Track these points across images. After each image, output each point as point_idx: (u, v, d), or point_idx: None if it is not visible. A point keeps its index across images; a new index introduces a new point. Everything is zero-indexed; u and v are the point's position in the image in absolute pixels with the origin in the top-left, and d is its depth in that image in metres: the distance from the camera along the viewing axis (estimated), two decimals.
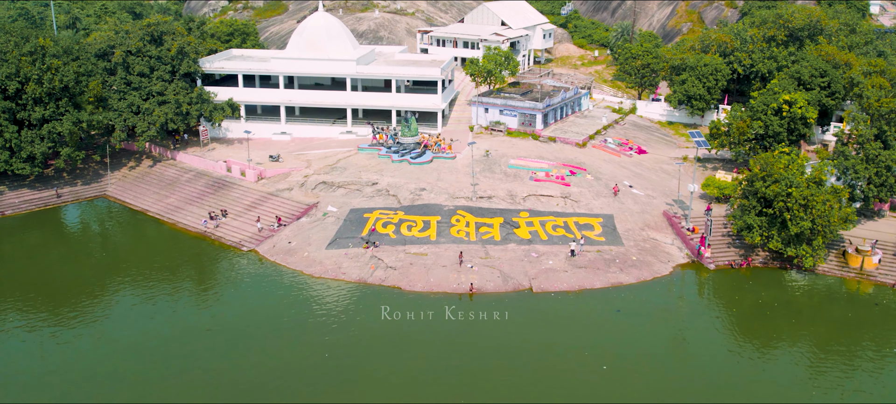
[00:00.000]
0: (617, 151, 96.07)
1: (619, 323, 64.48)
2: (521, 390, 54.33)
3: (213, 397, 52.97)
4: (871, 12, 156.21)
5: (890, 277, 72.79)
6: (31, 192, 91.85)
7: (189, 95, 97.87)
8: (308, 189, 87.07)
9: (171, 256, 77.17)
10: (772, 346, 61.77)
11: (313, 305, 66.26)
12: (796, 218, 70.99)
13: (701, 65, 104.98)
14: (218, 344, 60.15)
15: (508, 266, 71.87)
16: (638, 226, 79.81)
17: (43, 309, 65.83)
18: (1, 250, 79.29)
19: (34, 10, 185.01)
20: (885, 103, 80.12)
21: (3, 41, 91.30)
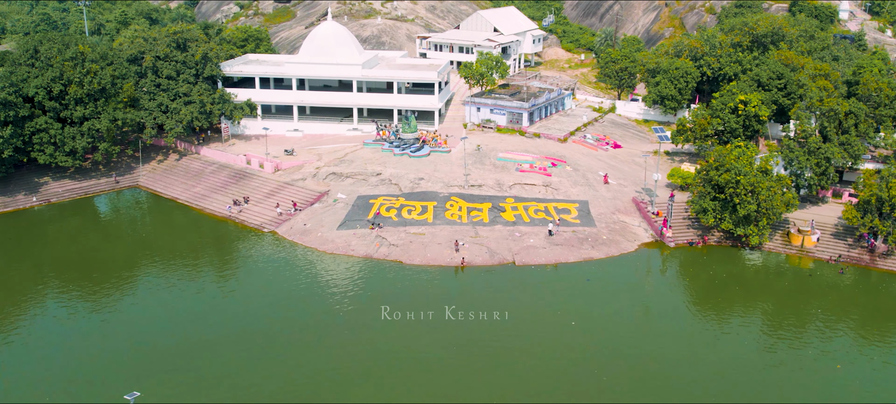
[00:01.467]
0: (594, 146, 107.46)
1: (588, 290, 75.76)
2: (502, 339, 65.48)
3: (249, 347, 64.07)
4: (840, 18, 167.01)
5: (826, 253, 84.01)
6: (72, 182, 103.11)
7: (212, 96, 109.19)
8: (320, 179, 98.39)
9: (202, 236, 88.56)
10: (724, 310, 73.17)
11: (326, 275, 77.59)
12: (744, 202, 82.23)
13: (673, 68, 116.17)
14: (246, 306, 71.39)
15: (495, 243, 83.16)
16: (609, 211, 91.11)
17: (86, 284, 77.18)
18: (46, 234, 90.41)
19: (56, 16, 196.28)
20: (826, 102, 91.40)
21: (47, 48, 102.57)
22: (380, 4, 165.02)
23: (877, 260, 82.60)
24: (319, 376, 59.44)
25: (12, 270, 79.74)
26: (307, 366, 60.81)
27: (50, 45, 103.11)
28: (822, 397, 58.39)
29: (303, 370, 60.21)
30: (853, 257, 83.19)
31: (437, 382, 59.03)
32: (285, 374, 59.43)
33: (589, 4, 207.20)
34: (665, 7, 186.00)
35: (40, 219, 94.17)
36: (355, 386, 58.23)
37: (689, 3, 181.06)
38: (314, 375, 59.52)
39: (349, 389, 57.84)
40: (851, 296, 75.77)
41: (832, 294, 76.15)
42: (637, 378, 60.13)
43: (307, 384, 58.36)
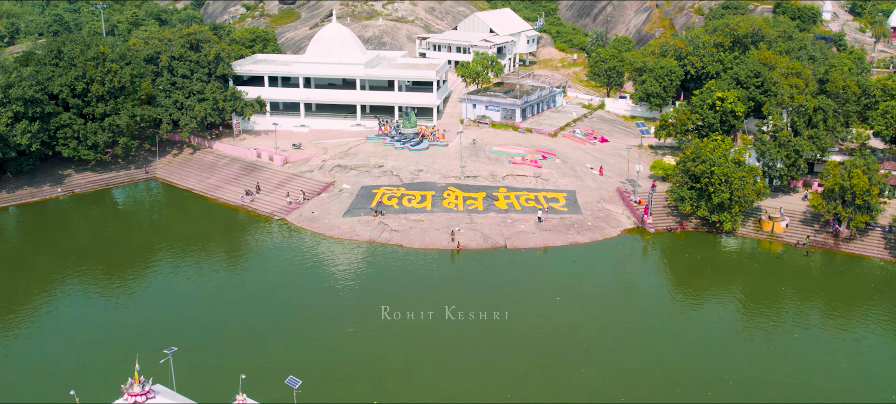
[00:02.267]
0: (583, 140, 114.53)
1: (573, 271, 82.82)
2: (493, 312, 72.41)
3: (265, 316, 71.09)
4: (823, 19, 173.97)
5: (794, 237, 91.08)
6: (94, 175, 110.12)
7: (224, 94, 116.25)
8: (326, 171, 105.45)
9: (218, 223, 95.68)
10: (700, 288, 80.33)
11: (333, 257, 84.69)
12: (718, 190, 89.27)
13: (658, 67, 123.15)
14: (261, 282, 78.45)
15: (488, 229, 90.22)
16: (595, 200, 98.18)
17: (118, 265, 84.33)
18: (69, 222, 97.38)
19: (69, 17, 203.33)
20: (797, 99, 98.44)
21: (69, 48, 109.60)
22: (381, 6, 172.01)
23: (840, 244, 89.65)
24: (331, 341, 66.55)
25: (39, 255, 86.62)
26: (317, 336, 67.87)
27: (72, 46, 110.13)
28: (783, 361, 65.42)
29: (316, 341, 67.23)
30: (819, 241, 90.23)
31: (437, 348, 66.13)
32: (298, 344, 66.41)
33: (583, 6, 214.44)
34: (656, 8, 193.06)
35: (65, 209, 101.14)
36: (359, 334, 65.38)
37: (679, 3, 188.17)
38: (326, 344, 66.61)
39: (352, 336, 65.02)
40: (816, 276, 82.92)
41: (798, 274, 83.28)
42: (618, 348, 67.12)
43: (323, 351, 65.40)
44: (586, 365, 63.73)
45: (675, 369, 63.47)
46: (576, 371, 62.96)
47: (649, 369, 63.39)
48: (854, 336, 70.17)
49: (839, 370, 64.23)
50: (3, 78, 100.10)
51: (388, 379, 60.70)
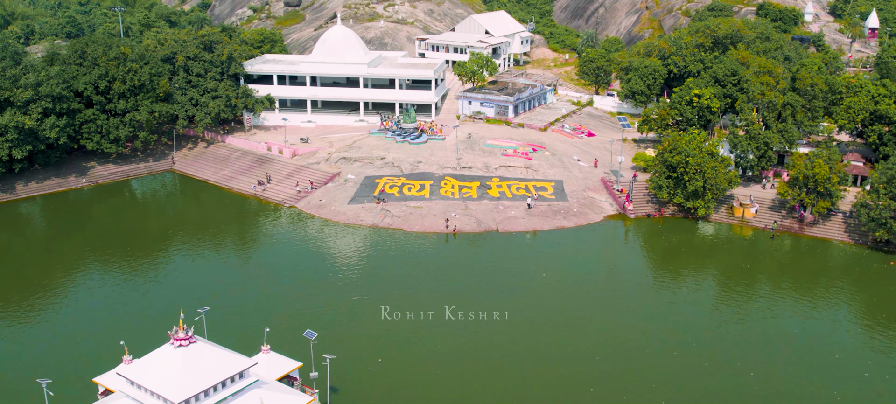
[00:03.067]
0: (571, 134, 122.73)
1: (559, 252, 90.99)
2: (484, 287, 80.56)
3: (286, 285, 79.17)
4: (805, 20, 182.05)
5: (762, 222, 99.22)
6: (115, 166, 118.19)
7: (235, 91, 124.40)
8: (332, 162, 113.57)
9: (233, 210, 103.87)
10: (676, 268, 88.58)
11: (339, 239, 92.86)
12: (692, 179, 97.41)
13: (643, 66, 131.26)
14: (276, 259, 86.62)
15: (482, 215, 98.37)
16: (581, 189, 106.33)
17: (140, 249, 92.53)
18: (92, 211, 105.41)
19: (82, 20, 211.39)
20: (767, 95, 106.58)
21: (93, 49, 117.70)
22: (382, 8, 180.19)
23: (805, 228, 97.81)
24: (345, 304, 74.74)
25: (65, 240, 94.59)
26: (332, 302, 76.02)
27: (95, 47, 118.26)
28: (749, 330, 73.59)
29: (327, 305, 75.28)
30: (785, 226, 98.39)
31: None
32: (312, 308, 74.47)
33: (576, 8, 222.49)
34: (645, 10, 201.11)
35: (89, 198, 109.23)
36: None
37: (667, 5, 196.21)
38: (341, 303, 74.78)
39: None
40: (782, 258, 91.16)
41: (766, 256, 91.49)
42: (596, 316, 75.26)
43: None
44: (567, 329, 71.83)
45: (650, 335, 71.60)
46: (556, 333, 71.07)
47: (624, 332, 71.51)
48: (815, 309, 78.33)
49: (796, 336, 72.39)
50: (33, 76, 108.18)
51: (391, 334, 68.74)
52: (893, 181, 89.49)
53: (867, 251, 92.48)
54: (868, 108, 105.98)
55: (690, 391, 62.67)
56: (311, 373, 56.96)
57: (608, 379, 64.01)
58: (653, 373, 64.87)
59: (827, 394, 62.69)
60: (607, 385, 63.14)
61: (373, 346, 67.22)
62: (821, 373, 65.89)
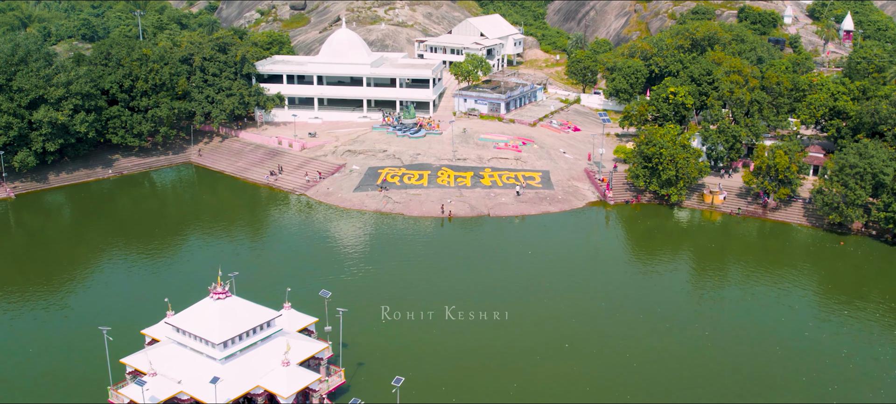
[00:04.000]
0: (558, 129, 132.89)
1: (544, 233, 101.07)
2: (476, 264, 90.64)
3: (302, 258, 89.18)
4: (785, 23, 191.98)
5: (729, 208, 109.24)
6: (138, 159, 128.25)
7: (248, 90, 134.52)
8: (338, 155, 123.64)
9: (248, 198, 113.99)
10: (651, 249, 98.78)
11: (346, 223, 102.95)
12: (666, 168, 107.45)
13: (626, 66, 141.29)
14: (290, 238, 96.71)
15: (475, 201, 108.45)
16: (566, 178, 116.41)
17: (169, 229, 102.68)
18: (116, 200, 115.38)
19: (96, 23, 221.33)
20: (736, 93, 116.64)
21: (116, 51, 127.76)
22: (383, 12, 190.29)
23: (767, 212, 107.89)
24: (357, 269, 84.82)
25: (93, 226, 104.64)
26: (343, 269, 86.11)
27: (119, 49, 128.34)
28: (717, 301, 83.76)
29: (339, 273, 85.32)
30: (750, 211, 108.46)
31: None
32: (325, 275, 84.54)
33: (569, 11, 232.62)
34: (634, 13, 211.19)
35: (114, 187, 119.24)
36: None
37: (654, 9, 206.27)
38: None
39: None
40: (747, 239, 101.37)
41: (732, 237, 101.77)
42: (572, 288, 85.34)
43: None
44: (547, 291, 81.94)
45: (621, 302, 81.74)
46: (538, 294, 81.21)
47: (598, 297, 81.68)
48: (776, 284, 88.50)
49: (758, 305, 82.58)
50: (64, 76, 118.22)
51: (396, 293, 78.75)
52: (844, 170, 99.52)
53: (822, 233, 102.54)
54: (828, 105, 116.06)
55: (656, 347, 72.76)
56: (326, 327, 67.00)
57: (578, 335, 74.08)
58: (621, 332, 74.99)
59: (773, 349, 72.75)
60: (578, 340, 73.19)
61: (378, 308, 77.25)
62: (775, 333, 75.93)
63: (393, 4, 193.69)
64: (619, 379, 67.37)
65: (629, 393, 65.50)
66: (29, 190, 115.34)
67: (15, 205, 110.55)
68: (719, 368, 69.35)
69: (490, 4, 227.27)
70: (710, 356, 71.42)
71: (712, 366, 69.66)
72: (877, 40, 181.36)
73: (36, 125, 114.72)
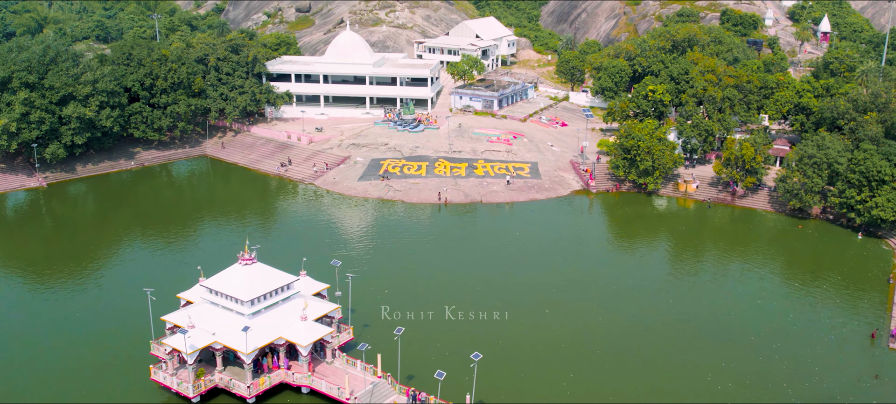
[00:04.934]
0: (547, 124, 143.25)
1: (531, 218, 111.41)
2: (469, 244, 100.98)
3: (314, 236, 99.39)
4: (766, 24, 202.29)
5: (702, 196, 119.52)
6: (158, 151, 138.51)
7: (259, 88, 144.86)
8: (343, 148, 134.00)
9: (261, 187, 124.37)
10: (630, 233, 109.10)
11: (351, 209, 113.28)
12: (643, 159, 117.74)
13: (611, 66, 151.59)
14: (302, 219, 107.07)
15: (468, 189, 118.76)
16: (552, 169, 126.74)
17: (191, 213, 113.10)
18: (137, 190, 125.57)
19: (110, 25, 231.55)
20: (709, 90, 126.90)
21: (137, 52, 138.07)
22: (385, 14, 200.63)
23: (736, 199, 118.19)
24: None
25: (119, 211, 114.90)
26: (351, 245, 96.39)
27: (139, 50, 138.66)
28: (686, 278, 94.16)
29: (347, 248, 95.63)
30: (720, 198, 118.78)
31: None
32: (334, 250, 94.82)
33: (562, 13, 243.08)
34: (623, 15, 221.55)
35: (135, 178, 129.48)
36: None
37: (642, 11, 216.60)
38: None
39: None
40: (717, 223, 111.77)
41: (704, 222, 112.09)
42: (556, 266, 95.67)
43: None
44: (533, 264, 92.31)
45: (601, 277, 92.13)
46: (524, 267, 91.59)
47: (579, 272, 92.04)
48: (743, 262, 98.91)
49: (719, 280, 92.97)
50: (91, 75, 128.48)
51: (395, 271, 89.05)
52: (803, 160, 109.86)
53: (784, 217, 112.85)
54: (793, 101, 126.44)
55: (626, 312, 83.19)
56: (336, 292, 77.30)
57: (557, 301, 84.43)
58: (596, 300, 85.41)
59: (729, 314, 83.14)
60: (557, 305, 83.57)
61: (382, 279, 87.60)
62: (732, 301, 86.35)
63: (393, 7, 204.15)
64: (591, 337, 77.79)
65: (598, 347, 75.95)
66: (59, 179, 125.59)
67: (46, 194, 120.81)
68: (679, 327, 79.76)
69: (486, 7, 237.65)
70: (672, 318, 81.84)
71: (673, 326, 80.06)
72: (852, 41, 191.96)
73: (65, 120, 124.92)
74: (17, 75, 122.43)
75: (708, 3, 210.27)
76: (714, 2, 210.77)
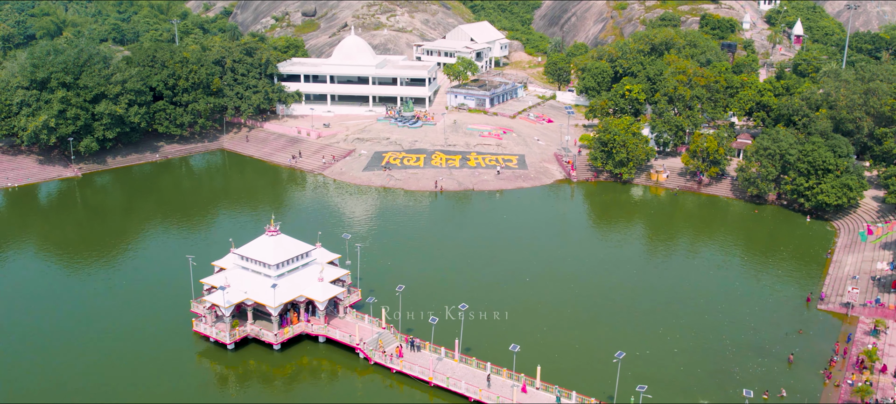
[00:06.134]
0: (534, 121, 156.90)
1: (518, 204, 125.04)
2: (462, 226, 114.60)
3: (327, 214, 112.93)
4: (744, 28, 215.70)
5: (672, 185, 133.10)
6: (179, 145, 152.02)
7: (271, 87, 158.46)
8: (349, 142, 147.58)
9: (275, 177, 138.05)
10: (608, 217, 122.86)
11: (357, 196, 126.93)
12: (618, 151, 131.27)
13: (594, 67, 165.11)
14: (314, 202, 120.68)
15: (462, 178, 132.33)
16: (538, 160, 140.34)
17: (211, 198, 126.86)
18: (160, 181, 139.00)
19: (126, 28, 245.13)
20: (679, 89, 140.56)
21: (161, 54, 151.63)
22: (386, 19, 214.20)
23: (701, 188, 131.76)
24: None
25: (145, 199, 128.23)
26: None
27: (163, 53, 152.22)
28: (654, 254, 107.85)
29: (354, 223, 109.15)
30: (687, 187, 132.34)
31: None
32: (344, 224, 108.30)
33: (553, 16, 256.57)
34: (610, 19, 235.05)
35: (161, 169, 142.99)
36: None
37: (628, 16, 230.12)
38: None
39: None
40: (684, 209, 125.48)
41: (672, 208, 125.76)
42: (540, 245, 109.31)
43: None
44: (518, 242, 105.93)
45: (581, 254, 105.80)
46: (511, 245, 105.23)
47: (559, 249, 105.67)
48: (707, 242, 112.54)
49: (682, 254, 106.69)
50: (121, 75, 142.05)
51: (397, 245, 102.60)
52: (760, 152, 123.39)
53: (744, 203, 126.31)
54: (755, 100, 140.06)
55: (598, 280, 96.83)
56: (347, 261, 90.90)
57: (538, 272, 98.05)
58: (572, 271, 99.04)
59: (685, 280, 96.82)
60: (537, 275, 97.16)
61: (385, 252, 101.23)
62: (692, 271, 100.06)
63: (393, 12, 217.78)
64: (564, 298, 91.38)
65: (570, 306, 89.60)
66: (92, 170, 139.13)
67: (81, 183, 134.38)
68: (642, 292, 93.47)
69: (481, 11, 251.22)
70: (636, 285, 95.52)
71: (638, 291, 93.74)
72: (823, 44, 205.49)
73: (98, 116, 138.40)
74: (55, 76, 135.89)
75: (690, 7, 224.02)
76: (696, 5, 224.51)
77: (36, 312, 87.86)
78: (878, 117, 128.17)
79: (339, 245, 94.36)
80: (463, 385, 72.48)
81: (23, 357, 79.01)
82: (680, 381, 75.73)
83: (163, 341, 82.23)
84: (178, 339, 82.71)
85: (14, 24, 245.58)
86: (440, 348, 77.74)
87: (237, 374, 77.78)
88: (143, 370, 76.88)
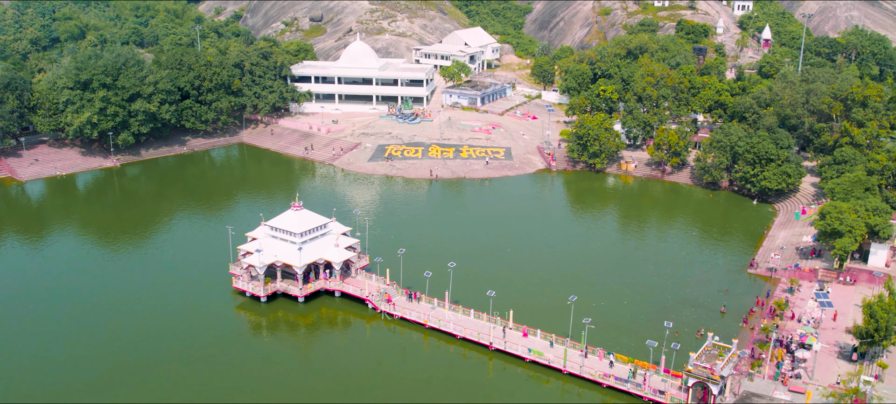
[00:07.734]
0: (521, 118, 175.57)
1: (505, 190, 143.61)
2: (454, 208, 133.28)
3: (338, 194, 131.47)
4: (717, 32, 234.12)
5: (639, 174, 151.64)
6: (204, 139, 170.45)
7: (285, 87, 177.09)
8: (355, 136, 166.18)
9: (289, 168, 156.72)
10: (583, 202, 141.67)
11: (363, 182, 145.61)
12: (592, 144, 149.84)
13: (575, 70, 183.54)
14: (325, 186, 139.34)
15: (455, 168, 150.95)
16: (523, 152, 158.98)
17: (235, 184, 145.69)
18: (185, 171, 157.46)
19: (145, 32, 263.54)
20: (647, 90, 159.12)
21: (187, 57, 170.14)
22: (387, 24, 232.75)
23: (664, 176, 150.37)
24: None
25: (171, 188, 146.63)
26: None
27: (189, 56, 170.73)
28: (624, 235, 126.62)
29: (362, 201, 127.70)
30: (653, 175, 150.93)
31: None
32: (354, 201, 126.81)
33: (543, 21, 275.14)
34: (595, 24, 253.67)
35: (186, 161, 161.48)
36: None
37: (611, 20, 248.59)
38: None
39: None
40: (649, 194, 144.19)
41: (640, 194, 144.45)
42: (523, 227, 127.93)
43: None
44: (504, 220, 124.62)
45: (556, 230, 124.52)
46: (497, 222, 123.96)
47: (540, 229, 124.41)
48: (669, 223, 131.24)
49: (644, 230, 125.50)
50: (153, 77, 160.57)
51: (400, 221, 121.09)
52: (713, 144, 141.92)
53: (701, 190, 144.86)
54: (713, 99, 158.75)
55: (570, 249, 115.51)
56: (357, 233, 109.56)
57: (519, 243, 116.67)
58: (548, 243, 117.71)
59: (645, 252, 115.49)
60: (518, 247, 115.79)
61: (389, 228, 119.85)
62: (652, 244, 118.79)
63: (395, 17, 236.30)
64: (539, 263, 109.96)
65: (544, 269, 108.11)
66: (128, 161, 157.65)
67: (119, 172, 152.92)
68: (605, 259, 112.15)
69: (476, 16, 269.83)
70: (601, 254, 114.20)
71: (601, 258, 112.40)
72: (790, 47, 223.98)
73: (133, 113, 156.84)
74: (97, 78, 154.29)
75: (668, 13, 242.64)
76: (674, 12, 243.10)
77: (91, 280, 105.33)
78: (818, 114, 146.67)
79: (350, 220, 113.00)
80: (451, 325, 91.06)
81: (86, 315, 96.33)
82: (623, 323, 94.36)
83: (206, 297, 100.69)
84: (220, 295, 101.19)
85: (40, 27, 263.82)
86: (433, 299, 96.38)
87: (269, 321, 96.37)
88: (192, 320, 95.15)
